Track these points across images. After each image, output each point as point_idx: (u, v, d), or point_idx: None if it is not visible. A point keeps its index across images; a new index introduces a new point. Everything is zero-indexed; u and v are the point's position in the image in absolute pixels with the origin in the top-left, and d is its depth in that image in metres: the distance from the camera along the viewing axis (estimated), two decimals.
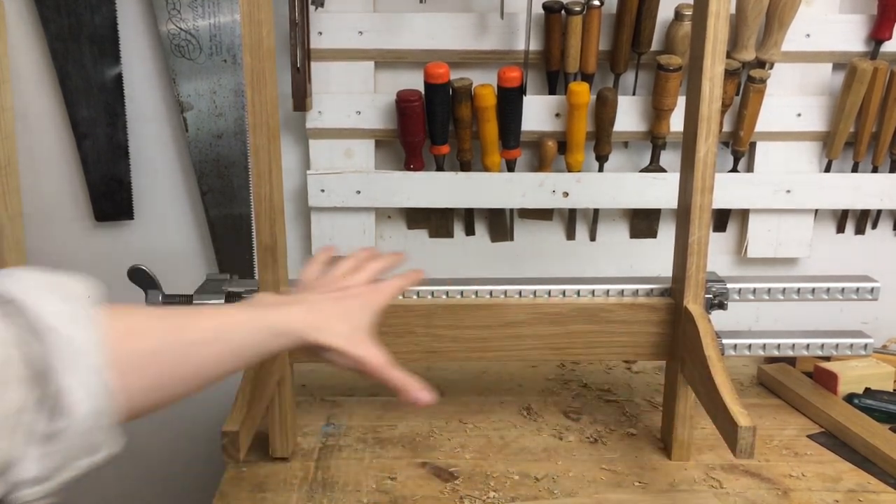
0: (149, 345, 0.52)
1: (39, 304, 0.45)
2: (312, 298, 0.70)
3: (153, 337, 0.53)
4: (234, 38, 1.19)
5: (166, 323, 0.55)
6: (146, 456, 1.41)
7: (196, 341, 0.56)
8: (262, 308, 0.63)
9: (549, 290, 0.95)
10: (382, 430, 1.01)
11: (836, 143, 1.20)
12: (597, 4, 1.13)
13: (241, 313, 0.61)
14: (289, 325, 0.63)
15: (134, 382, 0.50)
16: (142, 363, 0.51)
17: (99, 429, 0.46)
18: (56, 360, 0.44)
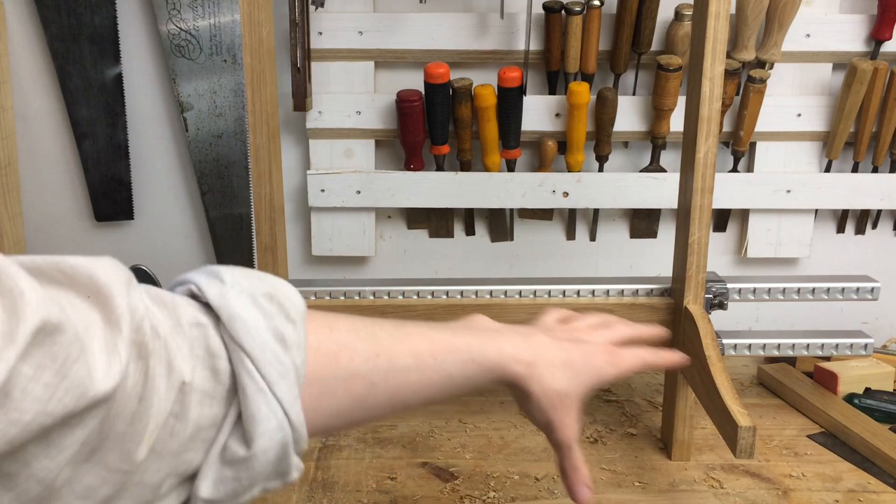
0: (352, 367, 0.48)
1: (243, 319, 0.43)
2: (539, 337, 0.61)
3: (357, 359, 0.49)
4: (234, 38, 1.19)
5: (373, 345, 0.50)
6: None
7: (400, 367, 0.51)
8: (475, 335, 0.57)
9: (549, 290, 0.95)
10: (382, 430, 1.01)
11: (836, 143, 1.20)
12: (597, 4, 1.13)
13: (453, 339, 0.54)
14: (500, 361, 0.56)
15: (328, 404, 0.47)
16: (340, 385, 0.48)
17: (284, 458, 0.44)
18: (250, 382, 0.42)
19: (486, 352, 0.55)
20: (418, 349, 0.52)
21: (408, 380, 0.51)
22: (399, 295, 0.94)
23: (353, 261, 1.29)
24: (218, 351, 0.42)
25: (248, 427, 0.42)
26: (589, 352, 0.61)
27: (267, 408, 0.42)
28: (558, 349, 0.60)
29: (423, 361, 0.52)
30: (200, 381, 0.41)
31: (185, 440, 0.40)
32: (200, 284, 0.44)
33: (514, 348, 0.57)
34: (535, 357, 0.58)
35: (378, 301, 0.93)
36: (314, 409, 0.46)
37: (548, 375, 0.58)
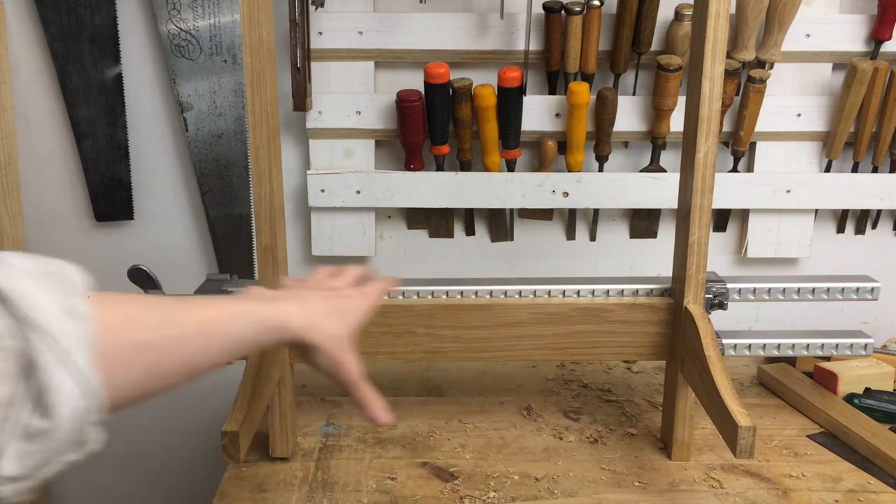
0: (141, 336, 0.51)
1: (29, 296, 0.44)
2: (306, 295, 0.69)
3: (146, 328, 0.51)
4: (234, 38, 1.19)
5: (160, 314, 0.53)
6: (147, 456, 1.41)
7: (188, 334, 0.54)
8: (257, 302, 0.62)
9: (549, 290, 0.95)
10: (382, 430, 1.01)
11: (836, 143, 1.20)
12: (597, 4, 1.13)
13: (236, 306, 0.60)
14: (284, 320, 0.62)
15: (122, 374, 0.49)
16: (132, 355, 0.50)
17: (83, 427, 0.46)
18: (43, 357, 0.43)
19: (267, 313, 0.61)
20: (204, 316, 0.56)
21: (197, 345, 0.55)
22: (399, 295, 0.94)
23: (353, 261, 1.29)
24: (5, 330, 0.43)
25: (47, 398, 0.43)
26: (347, 296, 0.71)
27: (64, 377, 0.43)
28: (325, 301, 0.68)
29: (209, 327, 0.56)
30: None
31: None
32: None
33: (292, 307, 0.64)
34: (311, 312, 0.65)
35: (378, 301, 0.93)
36: (110, 381, 0.47)
37: (324, 325, 0.65)
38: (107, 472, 1.42)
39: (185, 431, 1.39)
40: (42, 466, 0.44)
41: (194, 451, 1.40)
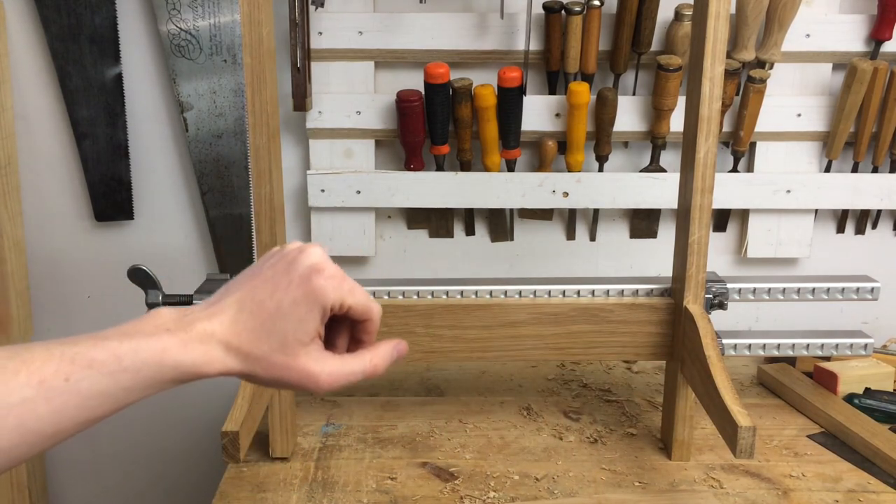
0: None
1: None
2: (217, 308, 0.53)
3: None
4: (234, 38, 1.19)
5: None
6: (147, 456, 1.41)
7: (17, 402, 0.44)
8: (131, 339, 0.49)
9: (549, 290, 0.95)
10: (382, 430, 1.01)
11: (836, 143, 1.20)
12: (597, 4, 1.13)
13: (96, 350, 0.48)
14: (165, 360, 0.49)
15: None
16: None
17: None
18: None
19: (143, 356, 0.48)
20: (41, 376, 0.45)
21: (36, 412, 0.45)
22: (399, 295, 0.94)
23: (353, 261, 1.29)
24: None
25: None
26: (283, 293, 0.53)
27: None
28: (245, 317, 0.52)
29: (49, 387, 0.45)
30: None
31: None
32: None
33: (184, 342, 0.50)
34: (213, 339, 0.51)
35: (378, 301, 0.93)
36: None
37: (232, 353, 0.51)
38: (107, 472, 1.42)
39: (185, 431, 1.39)
40: None
41: (194, 451, 1.40)
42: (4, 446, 0.44)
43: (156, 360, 0.49)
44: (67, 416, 0.47)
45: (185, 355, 0.50)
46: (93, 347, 0.48)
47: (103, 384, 0.47)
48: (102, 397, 0.48)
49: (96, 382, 0.47)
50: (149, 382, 0.49)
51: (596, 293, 0.95)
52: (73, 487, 1.42)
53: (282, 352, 0.52)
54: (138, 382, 0.49)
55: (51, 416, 0.46)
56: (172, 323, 0.51)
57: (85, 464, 1.41)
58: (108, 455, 1.41)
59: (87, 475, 1.42)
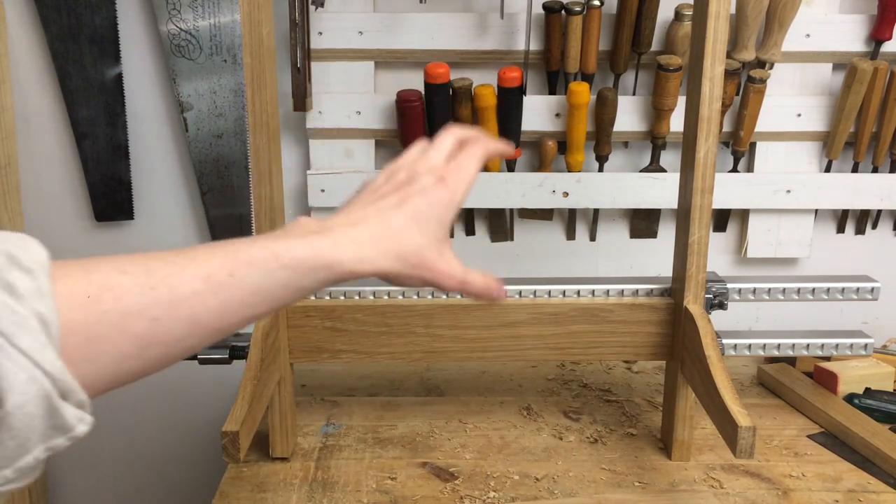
0: (121, 305, 0.45)
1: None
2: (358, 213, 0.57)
3: (127, 295, 0.45)
4: (234, 38, 1.19)
5: (143, 277, 0.46)
6: (147, 456, 1.41)
7: (188, 294, 0.47)
8: (289, 240, 0.52)
9: (549, 290, 0.95)
10: (382, 430, 1.01)
11: (836, 143, 1.20)
12: (597, 4, 1.13)
13: (256, 251, 0.50)
14: (323, 260, 0.52)
15: (107, 349, 0.45)
16: (113, 327, 0.45)
17: (53, 411, 0.42)
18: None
19: (297, 253, 0.51)
20: (207, 271, 0.48)
21: (205, 305, 0.48)
22: (399, 295, 0.94)
23: None
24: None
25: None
26: (421, 195, 0.58)
27: (10, 362, 0.40)
28: (389, 213, 0.56)
29: (216, 282, 0.48)
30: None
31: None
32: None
33: (337, 240, 0.53)
34: (366, 237, 0.55)
35: (378, 301, 0.93)
36: (89, 358, 0.44)
37: (391, 246, 0.55)
38: (107, 472, 1.42)
39: (185, 431, 1.39)
40: (17, 455, 0.41)
41: (194, 451, 1.40)
42: (176, 336, 0.47)
43: (310, 258, 0.52)
44: (231, 311, 0.49)
45: (337, 253, 0.53)
46: (251, 246, 0.50)
47: (263, 281, 0.50)
48: (262, 294, 0.50)
49: (257, 279, 0.50)
50: (303, 281, 0.52)
51: (596, 293, 0.95)
52: (73, 487, 1.42)
53: (429, 249, 0.57)
54: (293, 280, 0.51)
55: (218, 310, 0.48)
56: (320, 227, 0.55)
57: (85, 463, 1.41)
58: (108, 455, 1.41)
59: (87, 474, 1.42)
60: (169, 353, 0.48)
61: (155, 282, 0.46)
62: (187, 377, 1.33)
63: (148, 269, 0.47)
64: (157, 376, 0.51)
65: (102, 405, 1.51)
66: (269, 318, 0.88)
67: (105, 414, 1.39)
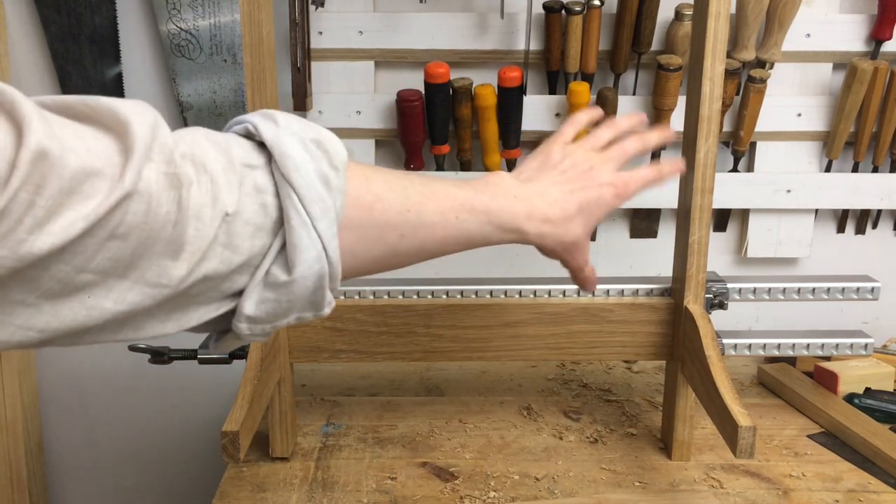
0: (386, 218, 0.53)
1: (294, 157, 0.47)
2: (552, 193, 0.66)
3: (391, 211, 0.53)
4: (234, 38, 1.19)
5: (405, 199, 0.55)
6: (146, 456, 1.41)
7: (428, 223, 0.56)
8: (495, 199, 0.61)
9: (549, 290, 0.95)
10: (382, 430, 1.01)
11: (836, 143, 1.20)
12: (597, 4, 1.13)
13: (475, 201, 0.60)
14: (518, 226, 0.62)
15: (366, 248, 0.52)
16: (377, 232, 0.53)
17: (321, 289, 0.49)
18: (295, 215, 0.46)
19: (503, 215, 0.61)
20: (443, 207, 0.57)
21: (433, 234, 0.57)
22: (399, 295, 0.94)
23: None
24: (266, 187, 0.46)
25: (290, 255, 0.46)
26: (597, 192, 0.68)
27: (308, 239, 0.46)
28: (571, 200, 0.66)
29: (447, 219, 0.57)
30: (250, 215, 0.45)
31: (236, 267, 0.45)
32: (257, 124, 0.48)
33: (530, 211, 0.63)
34: (550, 216, 0.64)
35: (378, 301, 0.93)
36: (352, 253, 0.51)
37: (561, 230, 0.65)
38: (107, 472, 1.42)
39: (185, 431, 1.39)
40: (276, 316, 0.48)
41: (194, 451, 1.40)
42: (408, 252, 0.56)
43: (509, 222, 0.62)
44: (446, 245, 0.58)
45: (526, 224, 0.63)
46: (473, 197, 0.60)
47: (475, 229, 0.60)
48: (469, 238, 0.60)
49: (472, 226, 0.59)
50: (497, 237, 0.62)
51: (596, 293, 0.95)
52: (73, 487, 1.42)
53: (582, 240, 0.68)
54: (492, 235, 0.61)
55: (440, 241, 0.58)
56: (517, 193, 0.64)
57: (85, 464, 1.41)
58: (108, 455, 1.41)
59: (87, 475, 1.42)
60: (398, 263, 0.56)
61: (410, 205, 0.55)
62: (187, 377, 1.33)
63: (407, 193, 0.55)
64: (157, 376, 0.52)
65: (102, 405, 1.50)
66: None
67: (105, 414, 1.39)
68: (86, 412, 1.38)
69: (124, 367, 1.31)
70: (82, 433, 1.39)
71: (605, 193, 0.68)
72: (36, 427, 1.33)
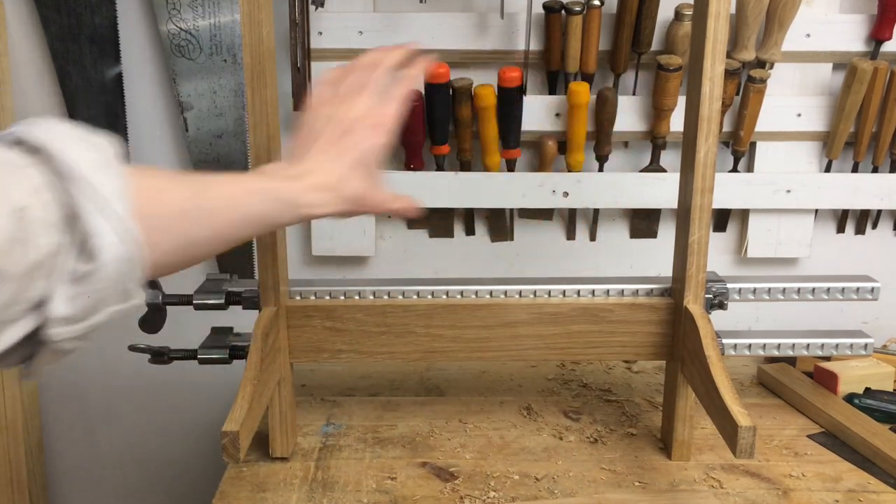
0: (175, 205, 0.54)
1: (69, 152, 0.47)
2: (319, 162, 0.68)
3: (179, 198, 0.55)
4: (234, 38, 1.19)
5: (188, 187, 0.56)
6: (146, 456, 1.41)
7: (216, 207, 0.58)
8: (272, 180, 0.65)
9: (549, 290, 0.95)
10: (382, 430, 1.01)
11: (836, 143, 1.20)
12: (597, 4, 1.13)
13: (256, 183, 0.63)
14: (301, 201, 0.65)
15: (160, 239, 0.52)
16: (169, 221, 0.53)
17: (128, 275, 0.48)
18: (86, 205, 0.46)
19: (282, 191, 0.64)
20: (227, 192, 0.60)
21: (224, 218, 0.58)
22: (399, 295, 0.94)
23: (353, 261, 1.29)
24: (47, 184, 0.45)
25: (90, 243, 0.46)
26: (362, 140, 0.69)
27: (105, 224, 0.46)
28: (342, 163, 0.68)
29: (234, 202, 0.60)
30: (38, 211, 0.44)
31: (32, 265, 0.44)
32: (24, 130, 0.48)
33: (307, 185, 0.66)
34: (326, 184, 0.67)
35: (378, 301, 0.93)
36: (150, 245, 0.50)
37: (341, 193, 0.68)
38: (106, 472, 1.42)
39: (185, 431, 1.39)
40: (91, 311, 0.47)
41: (194, 451, 1.40)
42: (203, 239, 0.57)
43: (292, 198, 0.64)
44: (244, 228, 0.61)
45: (306, 197, 0.65)
46: (253, 180, 0.64)
47: (262, 209, 0.62)
48: (258, 218, 0.62)
49: (258, 207, 0.62)
50: (284, 217, 0.65)
51: (596, 293, 0.95)
52: (73, 487, 1.42)
53: (367, 189, 0.70)
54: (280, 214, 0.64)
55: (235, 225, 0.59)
56: (291, 174, 0.67)
57: (85, 464, 1.41)
58: (107, 455, 1.41)
59: (87, 475, 1.42)
60: (197, 252, 0.57)
61: (196, 192, 0.57)
62: (187, 377, 1.33)
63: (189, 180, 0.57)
64: (157, 376, 0.53)
65: (102, 405, 1.51)
66: (269, 318, 0.88)
67: (105, 414, 1.39)
68: (86, 412, 1.38)
69: (124, 367, 1.31)
70: (82, 433, 1.39)
71: (366, 135, 0.70)
72: (36, 427, 1.33)
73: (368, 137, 0.70)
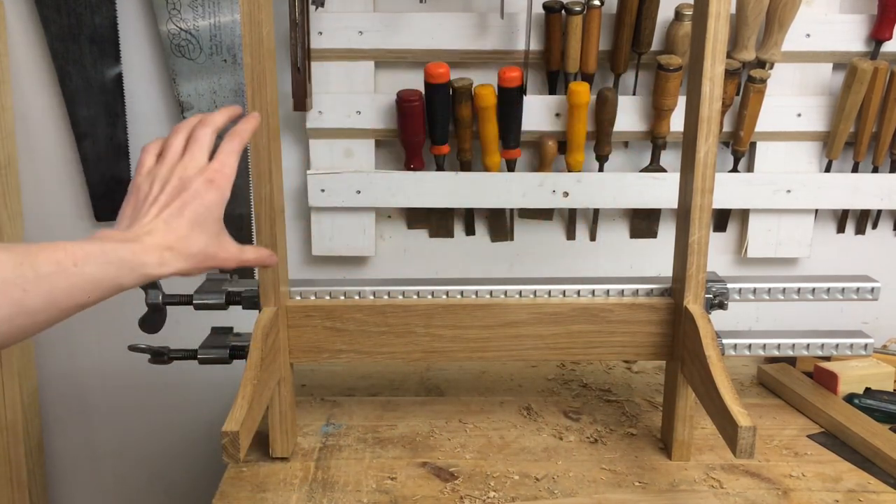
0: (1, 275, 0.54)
1: None
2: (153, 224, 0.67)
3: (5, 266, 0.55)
4: (234, 38, 1.19)
5: (12, 255, 0.56)
6: (146, 456, 1.41)
7: (43, 274, 0.57)
8: (107, 242, 0.63)
9: (549, 290, 0.95)
10: (382, 430, 1.01)
11: (836, 143, 1.20)
12: (597, 4, 1.13)
13: (89, 248, 0.61)
14: (135, 257, 0.64)
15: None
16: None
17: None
18: None
19: (120, 252, 0.63)
20: (56, 257, 0.59)
21: (57, 285, 0.58)
22: (399, 295, 0.94)
23: (353, 261, 1.29)
24: None
25: None
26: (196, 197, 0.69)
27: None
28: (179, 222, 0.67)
29: (64, 268, 0.59)
30: None
31: None
32: None
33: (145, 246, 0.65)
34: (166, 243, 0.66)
35: (378, 301, 0.93)
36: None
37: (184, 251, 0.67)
38: (106, 472, 1.42)
39: (185, 431, 1.39)
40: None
41: (194, 451, 1.40)
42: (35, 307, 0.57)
43: (129, 259, 0.63)
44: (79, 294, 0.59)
45: (148, 257, 0.64)
46: (87, 245, 0.61)
47: (98, 272, 0.61)
48: (97, 284, 0.61)
49: (93, 270, 0.60)
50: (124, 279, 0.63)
51: (596, 293, 0.95)
52: (73, 487, 1.42)
53: (211, 245, 0.69)
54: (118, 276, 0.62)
55: (67, 291, 0.59)
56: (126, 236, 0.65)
57: (85, 464, 1.41)
58: (107, 455, 1.41)
59: (87, 475, 1.42)
60: (33, 323, 0.58)
61: (22, 259, 0.57)
62: (187, 377, 1.33)
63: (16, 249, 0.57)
64: (157, 376, 0.53)
65: (102, 404, 1.51)
66: (269, 318, 0.88)
67: (105, 414, 1.39)
68: (86, 412, 1.38)
69: (124, 367, 1.31)
70: (82, 433, 1.39)
71: (201, 191, 0.69)
72: (36, 427, 1.33)
73: (204, 193, 0.69)
